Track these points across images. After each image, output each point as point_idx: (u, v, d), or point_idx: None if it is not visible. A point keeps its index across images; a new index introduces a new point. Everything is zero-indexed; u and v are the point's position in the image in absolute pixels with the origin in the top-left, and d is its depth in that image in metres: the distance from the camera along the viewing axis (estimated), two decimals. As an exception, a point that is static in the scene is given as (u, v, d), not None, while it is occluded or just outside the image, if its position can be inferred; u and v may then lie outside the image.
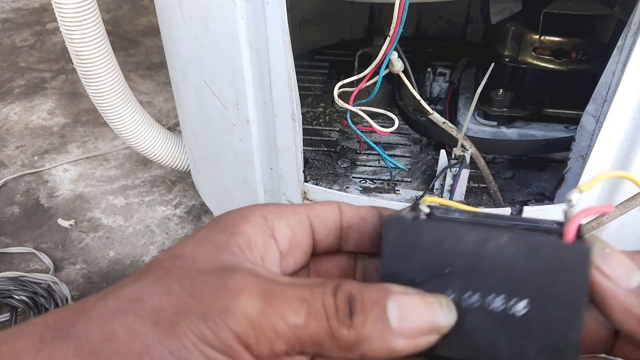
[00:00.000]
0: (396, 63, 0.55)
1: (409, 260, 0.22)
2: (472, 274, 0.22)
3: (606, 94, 0.57)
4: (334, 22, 1.07)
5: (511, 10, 0.74)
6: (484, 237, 0.21)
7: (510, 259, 0.21)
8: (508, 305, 0.21)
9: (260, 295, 0.19)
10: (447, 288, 0.22)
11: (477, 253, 0.22)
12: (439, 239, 0.22)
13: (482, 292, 0.22)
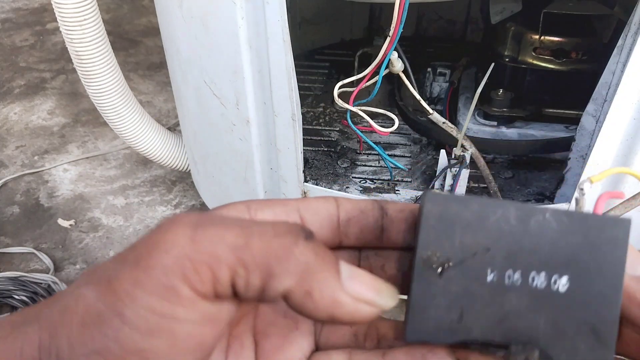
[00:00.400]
0: (396, 63, 0.55)
1: (448, 238, 0.21)
2: (514, 251, 0.21)
3: (606, 94, 0.57)
4: (334, 22, 1.07)
5: (511, 10, 0.74)
6: (528, 212, 0.21)
7: (553, 235, 0.21)
8: (550, 283, 0.21)
9: (191, 223, 0.18)
10: (487, 267, 0.21)
11: (521, 228, 0.21)
12: (482, 213, 0.21)
13: (524, 270, 0.21)
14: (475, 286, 0.21)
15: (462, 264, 0.21)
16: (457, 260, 0.21)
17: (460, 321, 0.21)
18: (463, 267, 0.21)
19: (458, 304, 0.21)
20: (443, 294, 0.21)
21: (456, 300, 0.21)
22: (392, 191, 0.69)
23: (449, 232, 0.21)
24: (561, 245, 0.21)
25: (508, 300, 0.21)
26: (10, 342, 0.18)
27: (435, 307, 0.21)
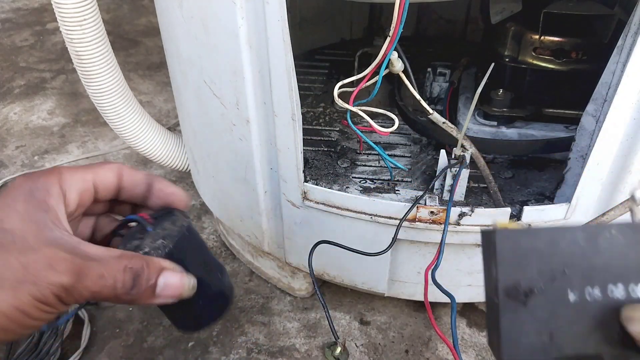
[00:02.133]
0: (396, 63, 0.55)
1: (525, 268, 0.23)
2: (589, 270, 0.23)
3: (606, 94, 0.57)
4: (334, 22, 1.07)
5: (511, 10, 0.74)
6: (593, 233, 0.23)
7: (622, 248, 0.22)
8: (629, 292, 0.22)
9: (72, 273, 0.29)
10: (567, 288, 0.23)
11: (591, 248, 0.22)
12: (553, 240, 0.23)
13: (602, 284, 0.22)
14: (560, 308, 0.23)
15: (544, 291, 0.23)
16: (538, 287, 0.23)
17: (551, 341, 0.23)
18: (545, 293, 0.23)
19: (547, 327, 0.23)
20: (531, 321, 0.23)
21: (544, 324, 0.23)
22: (392, 191, 0.69)
23: (525, 262, 0.23)
24: (632, 256, 0.22)
25: (593, 313, 0.23)
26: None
27: (526, 333, 0.23)
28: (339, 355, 0.76)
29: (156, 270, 0.31)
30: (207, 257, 0.37)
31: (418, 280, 0.74)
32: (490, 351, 0.78)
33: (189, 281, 0.33)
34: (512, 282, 0.23)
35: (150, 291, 0.31)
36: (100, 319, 0.83)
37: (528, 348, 0.23)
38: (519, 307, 0.23)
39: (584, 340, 0.23)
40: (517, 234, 0.23)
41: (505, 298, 0.23)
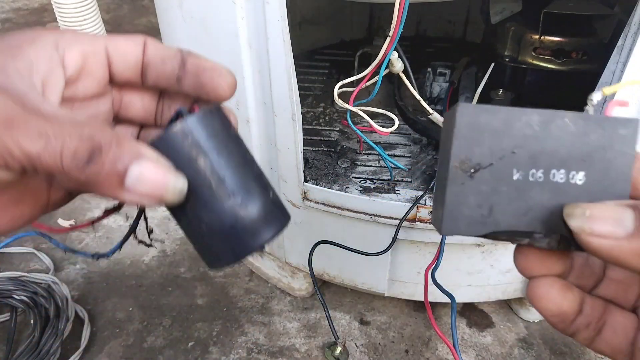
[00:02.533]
0: (396, 63, 0.55)
1: (479, 144, 0.24)
2: (537, 153, 0.24)
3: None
4: (334, 22, 1.07)
5: (511, 10, 0.74)
6: (549, 118, 0.24)
7: (571, 136, 0.24)
8: (568, 177, 0.24)
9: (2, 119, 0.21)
10: (513, 167, 0.24)
11: (542, 132, 0.24)
12: (509, 121, 0.24)
13: (546, 168, 0.24)
14: (502, 185, 0.24)
15: (491, 167, 0.24)
16: (487, 163, 0.24)
17: (490, 215, 0.24)
18: (492, 169, 0.24)
19: (488, 201, 0.24)
20: (474, 194, 0.24)
21: (486, 198, 0.24)
22: (392, 191, 0.69)
23: (479, 139, 0.24)
24: (578, 145, 0.24)
25: (532, 194, 0.24)
26: None
27: (468, 205, 0.24)
28: (339, 355, 0.76)
29: (130, 154, 0.22)
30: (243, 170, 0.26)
31: (418, 280, 0.74)
32: (489, 351, 0.78)
33: (174, 181, 0.23)
34: (464, 156, 0.24)
35: (115, 178, 0.22)
36: (100, 319, 0.83)
37: (468, 220, 0.24)
38: (466, 180, 0.24)
39: (520, 217, 0.24)
40: (478, 111, 0.24)
41: (455, 170, 0.24)
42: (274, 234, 0.27)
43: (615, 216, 0.22)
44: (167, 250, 0.96)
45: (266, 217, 0.26)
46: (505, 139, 0.24)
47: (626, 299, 0.28)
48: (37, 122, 0.21)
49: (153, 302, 0.86)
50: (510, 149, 0.24)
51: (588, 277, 0.28)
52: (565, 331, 0.27)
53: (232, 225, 0.26)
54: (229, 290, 0.88)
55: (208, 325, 0.82)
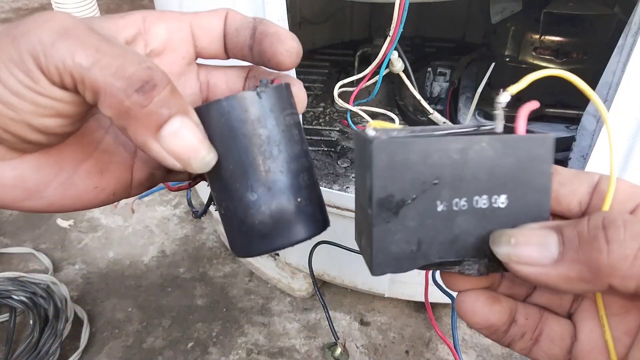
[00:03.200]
0: (396, 63, 0.55)
1: (399, 180, 0.23)
2: (458, 181, 0.24)
3: (607, 94, 0.57)
4: (334, 21, 1.07)
5: (511, 10, 0.74)
6: (466, 145, 0.23)
7: (490, 160, 0.23)
8: (491, 202, 0.24)
9: (59, 30, 0.21)
10: (437, 199, 0.24)
11: (461, 160, 0.23)
12: (426, 153, 0.23)
13: (468, 196, 0.24)
14: (428, 218, 0.24)
15: (415, 201, 0.24)
16: (409, 198, 0.24)
17: (419, 250, 0.24)
18: (415, 204, 0.24)
19: (415, 236, 0.24)
20: (401, 231, 0.24)
21: (413, 233, 0.24)
22: (392, 191, 0.69)
23: (399, 175, 0.23)
24: (498, 169, 0.24)
25: (458, 223, 0.24)
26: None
27: (396, 243, 0.24)
28: (339, 356, 0.75)
29: (178, 107, 0.22)
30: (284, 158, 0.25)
31: (418, 280, 0.73)
32: (490, 352, 0.78)
33: (206, 152, 0.23)
34: (385, 194, 0.23)
35: (155, 121, 0.21)
36: (99, 320, 0.83)
37: (397, 258, 0.24)
38: (391, 218, 0.24)
39: (448, 247, 0.24)
40: (394, 147, 0.23)
41: (378, 209, 0.23)
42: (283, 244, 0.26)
43: (539, 242, 0.22)
44: (167, 251, 0.96)
45: (278, 224, 0.25)
46: (426, 171, 0.23)
47: (561, 305, 0.27)
48: (97, 40, 0.21)
49: (152, 303, 0.86)
50: (431, 181, 0.23)
51: (520, 285, 0.28)
52: (500, 342, 0.27)
53: (242, 219, 0.25)
54: (229, 291, 0.88)
55: (208, 325, 0.82)
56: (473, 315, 0.26)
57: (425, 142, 0.23)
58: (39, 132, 0.23)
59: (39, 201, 0.26)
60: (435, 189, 0.24)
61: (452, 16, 1.08)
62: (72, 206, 0.27)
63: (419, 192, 0.24)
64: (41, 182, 0.25)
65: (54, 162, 0.26)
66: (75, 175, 0.26)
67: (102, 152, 0.27)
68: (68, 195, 0.26)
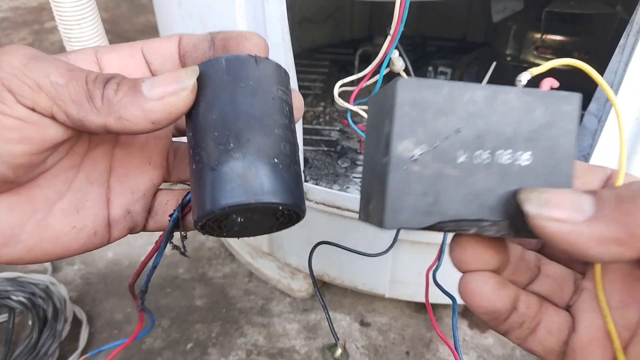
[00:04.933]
0: (397, 62, 0.55)
1: (421, 125, 0.21)
2: (482, 132, 0.22)
3: (609, 94, 0.56)
4: (335, 20, 1.06)
5: (513, 9, 0.74)
6: (494, 93, 0.22)
7: (517, 113, 0.22)
8: (515, 158, 0.22)
9: (28, 55, 0.23)
10: (458, 149, 0.22)
11: (488, 109, 0.22)
12: (452, 97, 0.22)
13: (492, 148, 0.22)
14: (447, 169, 0.22)
15: (435, 149, 0.22)
16: (430, 145, 0.22)
17: (436, 204, 0.22)
18: (435, 152, 0.22)
19: (433, 188, 0.22)
20: (419, 180, 0.22)
21: (431, 185, 0.22)
22: (392, 191, 0.69)
23: (422, 117, 0.22)
24: (524, 123, 0.22)
25: (479, 178, 0.22)
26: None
27: (412, 193, 0.22)
28: (340, 356, 0.75)
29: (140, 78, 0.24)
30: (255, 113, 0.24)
31: (419, 281, 0.73)
32: (491, 352, 0.78)
33: (185, 75, 0.24)
34: (406, 138, 0.21)
35: (134, 86, 0.23)
36: (98, 320, 0.82)
37: (413, 210, 0.22)
38: (409, 165, 0.22)
39: (467, 204, 0.22)
40: (420, 86, 0.21)
41: (397, 155, 0.21)
42: (249, 200, 0.23)
43: (574, 201, 0.21)
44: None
45: (248, 176, 0.23)
46: (450, 116, 0.22)
47: (561, 296, 0.27)
48: (65, 63, 0.23)
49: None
50: (454, 128, 0.22)
51: (523, 272, 0.27)
52: (498, 329, 0.26)
53: (212, 167, 0.24)
54: (228, 292, 0.88)
55: (207, 326, 0.82)
56: (480, 299, 0.25)
57: (452, 85, 0.22)
58: (5, 163, 0.23)
59: (17, 247, 0.26)
60: (457, 137, 0.22)
61: (453, 15, 1.07)
62: (52, 250, 0.27)
63: (442, 139, 0.22)
64: (15, 224, 0.25)
65: (25, 201, 0.26)
66: (49, 216, 0.26)
67: (76, 191, 0.27)
68: (46, 238, 0.26)
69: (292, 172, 0.25)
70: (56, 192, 0.27)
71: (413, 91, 0.21)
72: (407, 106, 0.21)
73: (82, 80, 0.23)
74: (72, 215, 0.27)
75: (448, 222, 0.22)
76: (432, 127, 0.22)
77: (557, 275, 0.27)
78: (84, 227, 0.27)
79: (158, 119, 0.23)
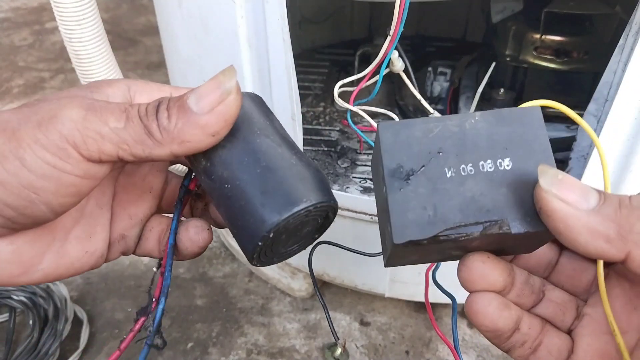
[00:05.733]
0: (397, 62, 0.55)
1: (406, 152, 0.25)
2: (461, 150, 0.25)
3: (607, 94, 0.57)
4: (335, 21, 1.07)
5: (512, 9, 0.74)
6: (461, 120, 0.26)
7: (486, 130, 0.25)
8: (497, 165, 0.25)
9: (84, 106, 0.24)
10: (444, 167, 0.25)
11: (460, 132, 0.25)
12: (427, 128, 0.25)
13: (473, 161, 0.25)
14: (439, 183, 0.25)
15: (424, 169, 0.25)
16: (418, 167, 0.25)
17: (436, 215, 0.25)
18: (425, 171, 0.25)
19: (430, 201, 0.25)
20: (415, 197, 0.25)
21: (428, 199, 0.25)
22: (392, 191, 0.69)
23: (405, 148, 0.25)
24: (496, 136, 0.25)
25: (469, 187, 0.25)
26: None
27: (412, 209, 0.25)
28: (339, 356, 0.75)
29: (182, 93, 0.25)
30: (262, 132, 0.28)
31: (419, 280, 0.73)
32: (490, 352, 0.78)
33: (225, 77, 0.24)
34: (395, 165, 0.25)
35: (182, 106, 0.24)
36: (99, 320, 0.83)
37: (416, 224, 0.25)
38: (403, 185, 0.25)
39: (464, 210, 0.25)
40: (397, 126, 0.25)
41: (391, 179, 0.25)
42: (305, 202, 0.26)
43: (583, 190, 0.23)
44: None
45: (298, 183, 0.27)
46: (429, 143, 0.25)
47: (563, 321, 0.28)
48: (115, 105, 0.24)
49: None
50: (436, 151, 0.25)
51: (528, 296, 0.29)
52: (501, 347, 0.28)
53: (259, 186, 0.26)
54: (229, 291, 0.88)
55: (207, 326, 0.82)
56: (484, 318, 0.27)
57: (424, 120, 0.26)
58: (53, 212, 0.24)
59: (35, 275, 0.26)
60: (441, 157, 0.25)
61: (452, 15, 1.07)
62: (65, 274, 0.28)
63: (426, 162, 0.25)
64: (36, 254, 0.26)
65: (47, 233, 0.26)
66: (66, 243, 0.27)
67: (88, 217, 0.28)
68: (62, 265, 0.27)
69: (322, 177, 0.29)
70: (72, 219, 0.28)
71: (393, 130, 0.25)
72: (391, 142, 0.25)
73: (137, 118, 0.24)
74: (85, 241, 0.28)
75: (452, 228, 0.25)
76: (416, 153, 0.25)
77: (560, 301, 0.29)
78: (95, 251, 0.29)
79: (217, 130, 0.24)
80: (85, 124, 0.23)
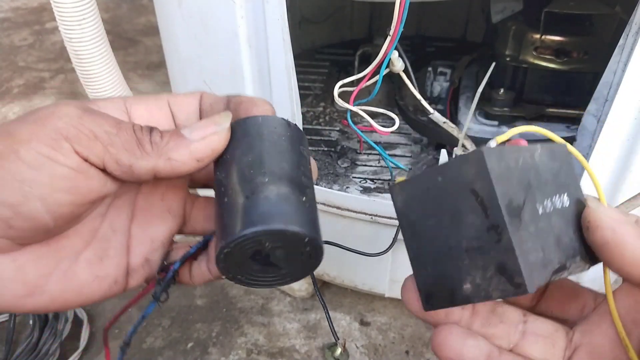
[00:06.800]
0: (397, 62, 0.55)
1: (509, 183, 0.23)
2: (541, 184, 0.24)
3: (607, 94, 0.57)
4: (334, 21, 1.07)
5: (512, 9, 0.74)
6: (531, 151, 0.25)
7: (547, 165, 0.25)
8: (563, 202, 0.25)
9: (81, 108, 0.25)
10: (535, 202, 0.23)
11: (534, 164, 0.24)
12: (516, 157, 0.23)
13: (550, 197, 0.24)
14: (538, 221, 0.23)
15: (525, 205, 0.23)
16: (522, 201, 0.23)
17: (545, 256, 0.23)
18: (526, 208, 0.23)
19: (538, 242, 0.23)
20: (529, 238, 0.22)
21: (536, 239, 0.23)
22: (392, 191, 0.69)
23: (507, 178, 0.22)
24: (554, 171, 0.25)
25: (553, 224, 0.24)
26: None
27: (530, 251, 0.22)
28: (339, 356, 0.75)
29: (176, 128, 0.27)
30: None
31: (418, 280, 0.73)
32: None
33: (221, 119, 0.26)
34: (508, 199, 0.22)
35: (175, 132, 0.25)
36: (99, 320, 0.83)
37: (537, 267, 0.22)
38: (519, 224, 0.22)
39: (557, 250, 0.24)
40: (497, 151, 0.22)
41: (509, 217, 0.22)
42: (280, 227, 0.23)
43: (623, 210, 0.25)
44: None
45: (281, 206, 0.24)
46: (521, 175, 0.23)
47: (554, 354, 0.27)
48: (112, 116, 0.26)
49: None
50: (526, 184, 0.23)
51: (496, 325, 0.28)
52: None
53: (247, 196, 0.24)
54: (229, 291, 0.88)
55: (207, 326, 0.82)
56: (448, 350, 0.26)
57: (513, 149, 0.24)
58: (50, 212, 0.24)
59: (42, 297, 0.25)
60: (531, 191, 0.23)
61: (452, 15, 1.07)
62: (74, 300, 0.27)
63: (525, 196, 0.23)
64: (41, 274, 0.25)
65: (53, 251, 0.26)
66: (75, 265, 0.27)
67: (101, 240, 0.28)
68: (70, 288, 0.26)
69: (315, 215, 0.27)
70: (82, 241, 0.27)
71: (497, 157, 0.22)
72: (498, 171, 0.22)
73: (131, 130, 0.25)
74: (96, 264, 0.27)
75: (556, 270, 0.23)
76: (516, 186, 0.23)
77: (547, 333, 0.28)
78: (106, 276, 0.28)
79: (202, 157, 0.25)
80: (81, 121, 0.24)
